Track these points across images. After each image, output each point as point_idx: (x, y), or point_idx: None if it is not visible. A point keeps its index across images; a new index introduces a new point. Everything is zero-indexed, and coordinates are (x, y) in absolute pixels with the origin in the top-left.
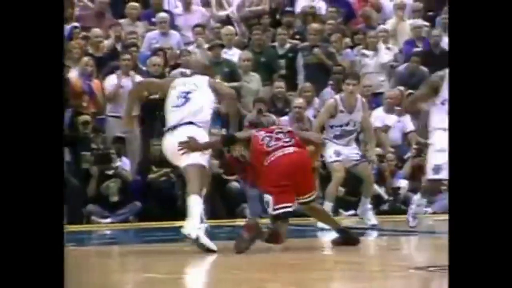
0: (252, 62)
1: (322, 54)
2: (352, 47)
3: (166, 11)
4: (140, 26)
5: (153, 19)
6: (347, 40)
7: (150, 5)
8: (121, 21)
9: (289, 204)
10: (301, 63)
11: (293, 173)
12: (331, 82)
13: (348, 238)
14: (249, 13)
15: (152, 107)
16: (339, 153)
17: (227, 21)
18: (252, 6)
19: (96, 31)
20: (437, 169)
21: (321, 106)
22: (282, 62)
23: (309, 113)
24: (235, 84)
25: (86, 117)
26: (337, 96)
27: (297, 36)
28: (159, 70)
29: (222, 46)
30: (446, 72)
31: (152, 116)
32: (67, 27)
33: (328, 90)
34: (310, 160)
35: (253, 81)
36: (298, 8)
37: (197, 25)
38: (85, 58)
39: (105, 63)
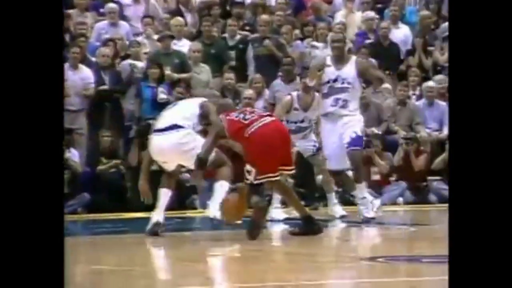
0: (202, 53)
1: (272, 46)
2: (302, 39)
3: (115, 1)
4: (89, 16)
5: (102, 10)
6: (297, 31)
7: None
8: (70, 11)
9: (272, 174)
10: (251, 54)
11: (275, 143)
12: (280, 73)
13: (310, 228)
14: (200, 4)
15: (101, 98)
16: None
17: (177, 11)
18: None
19: None
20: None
21: (271, 97)
22: (232, 53)
23: (259, 104)
24: (185, 75)
25: None
26: (294, 93)
27: (247, 28)
28: (108, 61)
29: (172, 37)
30: None
31: (101, 108)
32: None
33: (278, 82)
34: (287, 130)
35: (203, 72)
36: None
37: (146, 16)
38: None
39: None
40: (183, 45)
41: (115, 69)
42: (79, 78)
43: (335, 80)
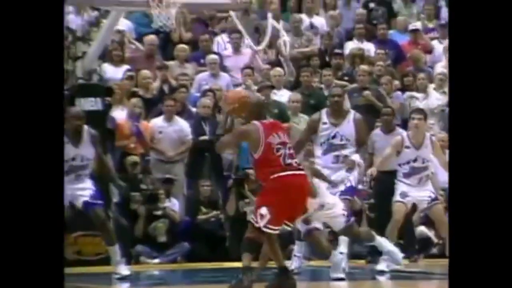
0: (301, 103)
1: (372, 96)
2: (401, 90)
3: (215, 53)
4: (189, 67)
5: (202, 61)
6: (397, 82)
7: (200, 47)
8: (170, 63)
9: (277, 228)
10: (349, 104)
11: (294, 198)
12: (380, 123)
13: (284, 282)
14: (298, 54)
15: (201, 148)
16: (406, 194)
17: (276, 62)
18: (301, 47)
19: (145, 72)
20: None
21: (370, 147)
22: None
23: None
24: (283, 124)
25: (134, 158)
26: (404, 133)
27: (346, 78)
28: (208, 111)
29: (272, 87)
30: None
31: (200, 157)
32: (121, 70)
33: (377, 132)
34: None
35: (302, 123)
36: (347, 50)
37: (246, 67)
38: (134, 99)
39: (154, 105)
40: (283, 95)
41: (215, 120)
42: (174, 130)
43: None
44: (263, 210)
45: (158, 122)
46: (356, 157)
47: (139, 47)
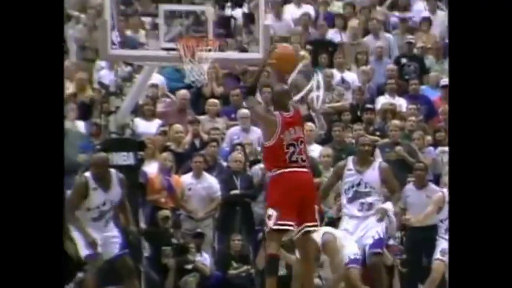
0: (332, 158)
1: (404, 151)
2: (433, 145)
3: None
4: (220, 122)
5: (234, 115)
6: (429, 137)
7: (231, 102)
8: (201, 117)
9: (287, 223)
10: (380, 159)
11: (298, 193)
12: (412, 179)
13: None
14: (330, 109)
15: (232, 203)
16: (445, 251)
17: (307, 116)
18: (333, 102)
19: (177, 127)
20: None
21: (402, 202)
22: None
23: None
24: (315, 180)
25: (166, 212)
26: (444, 190)
27: (377, 133)
28: (240, 166)
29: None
30: None
31: (231, 212)
32: (153, 124)
33: (409, 187)
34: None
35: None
36: (378, 105)
37: None
38: (165, 154)
39: (186, 159)
40: (313, 150)
41: (246, 174)
42: (203, 187)
43: None
44: (270, 211)
45: (187, 178)
46: (388, 205)
47: (173, 100)
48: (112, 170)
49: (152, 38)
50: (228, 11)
